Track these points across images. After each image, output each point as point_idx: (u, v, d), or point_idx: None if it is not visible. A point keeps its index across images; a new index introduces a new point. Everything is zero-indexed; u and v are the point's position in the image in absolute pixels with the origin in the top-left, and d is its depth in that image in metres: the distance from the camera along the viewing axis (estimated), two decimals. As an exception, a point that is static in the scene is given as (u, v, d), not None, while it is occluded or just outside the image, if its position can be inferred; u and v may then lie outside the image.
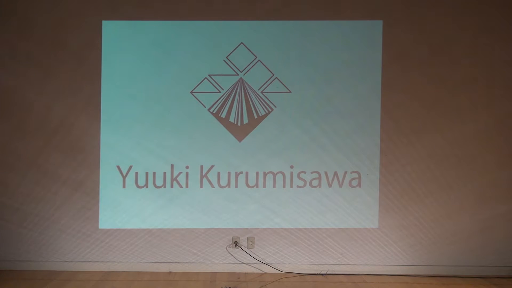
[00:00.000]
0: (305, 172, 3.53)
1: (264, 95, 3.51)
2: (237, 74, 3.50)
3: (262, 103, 3.51)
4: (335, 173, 3.53)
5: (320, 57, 3.49)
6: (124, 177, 3.50)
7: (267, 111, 3.51)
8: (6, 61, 3.44)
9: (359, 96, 3.50)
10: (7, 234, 3.51)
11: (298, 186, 3.54)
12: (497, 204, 3.53)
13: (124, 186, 3.50)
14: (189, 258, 3.56)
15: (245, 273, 3.54)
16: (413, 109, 3.50)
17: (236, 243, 3.55)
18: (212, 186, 3.53)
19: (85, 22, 3.45)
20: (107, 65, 3.47)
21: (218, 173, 3.53)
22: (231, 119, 3.51)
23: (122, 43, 3.47)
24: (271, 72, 3.50)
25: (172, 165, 3.51)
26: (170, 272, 3.54)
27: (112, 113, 3.48)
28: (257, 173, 3.53)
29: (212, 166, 3.53)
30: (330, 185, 3.54)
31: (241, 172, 3.53)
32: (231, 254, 3.57)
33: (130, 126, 3.49)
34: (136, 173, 3.50)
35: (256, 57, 3.50)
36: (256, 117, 3.51)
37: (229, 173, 3.53)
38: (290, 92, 3.51)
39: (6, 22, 3.44)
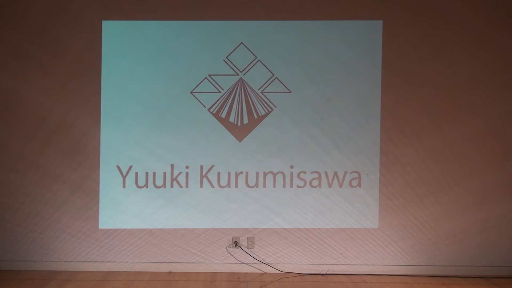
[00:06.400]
0: (305, 172, 3.53)
1: (264, 95, 3.51)
2: (237, 74, 3.50)
3: (262, 103, 3.51)
4: (335, 173, 3.53)
5: (320, 57, 3.49)
6: (124, 177, 3.50)
7: (267, 111, 3.51)
8: (6, 61, 3.44)
9: (359, 96, 3.50)
10: (8, 234, 3.51)
11: (298, 186, 3.54)
12: (497, 204, 3.53)
13: (124, 186, 3.50)
14: (189, 258, 3.56)
15: (245, 273, 3.54)
16: (413, 109, 3.50)
17: (236, 243, 3.55)
18: (212, 186, 3.53)
19: (85, 22, 3.45)
20: (107, 65, 3.47)
21: (218, 173, 3.53)
22: (231, 119, 3.51)
23: (122, 43, 3.47)
24: (271, 72, 3.50)
25: (172, 165, 3.51)
26: (170, 272, 3.54)
27: (112, 113, 3.48)
28: (257, 173, 3.53)
29: (212, 166, 3.53)
30: (330, 185, 3.53)
31: (241, 172, 3.53)
32: (231, 254, 3.57)
33: (130, 126, 3.49)
34: (136, 173, 3.50)
35: (256, 57, 3.50)
36: (256, 117, 3.51)
37: (229, 173, 3.53)
38: (290, 92, 3.51)
39: (6, 22, 3.44)
